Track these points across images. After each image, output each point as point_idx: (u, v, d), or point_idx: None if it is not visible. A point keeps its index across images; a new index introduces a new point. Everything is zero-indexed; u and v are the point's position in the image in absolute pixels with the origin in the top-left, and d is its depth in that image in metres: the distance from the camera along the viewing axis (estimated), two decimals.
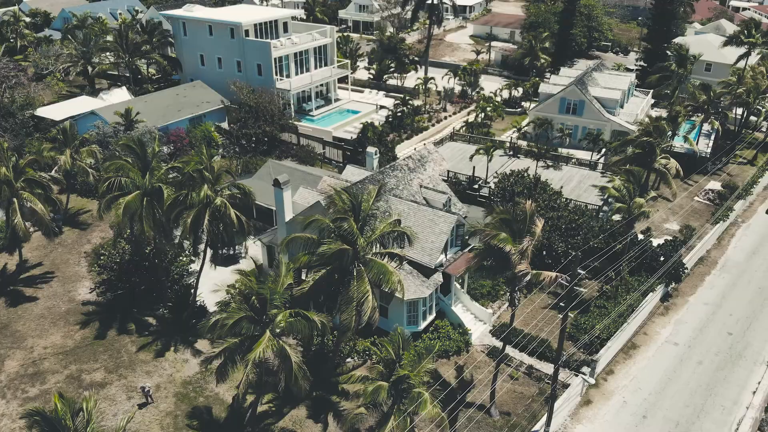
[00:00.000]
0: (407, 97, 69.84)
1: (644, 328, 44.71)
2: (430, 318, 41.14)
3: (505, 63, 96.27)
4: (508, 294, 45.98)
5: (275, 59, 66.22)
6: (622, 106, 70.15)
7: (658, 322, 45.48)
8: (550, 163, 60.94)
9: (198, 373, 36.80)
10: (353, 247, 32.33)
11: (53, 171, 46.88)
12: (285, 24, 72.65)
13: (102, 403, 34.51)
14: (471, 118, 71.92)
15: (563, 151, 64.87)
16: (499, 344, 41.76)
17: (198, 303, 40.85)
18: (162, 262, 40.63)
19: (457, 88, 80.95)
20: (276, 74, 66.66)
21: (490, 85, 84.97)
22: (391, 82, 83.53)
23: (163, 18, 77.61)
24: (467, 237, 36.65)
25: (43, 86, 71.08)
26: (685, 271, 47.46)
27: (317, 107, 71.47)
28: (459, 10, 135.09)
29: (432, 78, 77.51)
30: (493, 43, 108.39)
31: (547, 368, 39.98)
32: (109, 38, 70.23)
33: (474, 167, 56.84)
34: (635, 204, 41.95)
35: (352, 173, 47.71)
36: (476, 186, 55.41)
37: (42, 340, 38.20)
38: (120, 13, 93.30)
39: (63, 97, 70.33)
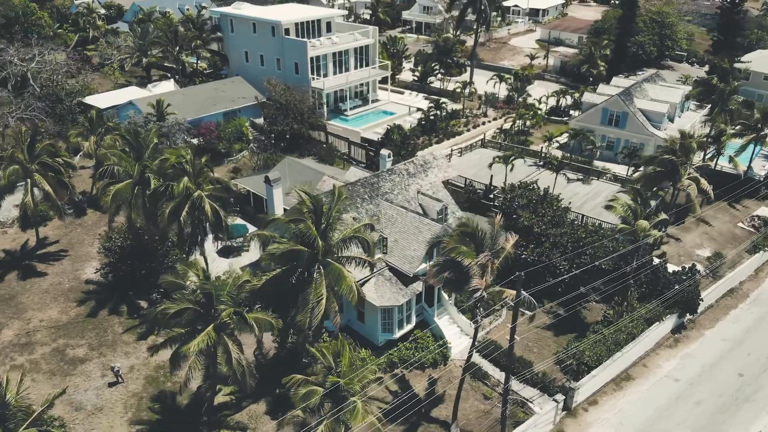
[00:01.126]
0: (442, 101, 68.74)
1: (645, 360, 41.76)
2: (408, 327, 40.35)
3: (564, 69, 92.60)
4: (503, 309, 44.57)
5: (312, 58, 67.12)
6: (672, 120, 65.73)
7: (662, 354, 42.35)
8: (579, 177, 58.05)
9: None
10: (312, 249, 32.29)
11: (78, 156, 49.97)
12: (328, 24, 73.46)
13: (77, 378, 36.49)
14: (510, 124, 69.75)
15: (599, 164, 61.68)
16: (481, 361, 40.42)
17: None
18: (158, 249, 42.31)
19: (503, 94, 78.79)
20: (313, 73, 67.57)
21: (542, 91, 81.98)
22: (436, 84, 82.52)
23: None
24: (432, 247, 35.56)
25: (101, 75, 75.87)
26: (701, 301, 43.78)
27: (353, 107, 71.79)
28: (531, 13, 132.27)
29: (471, 82, 75.87)
30: (559, 48, 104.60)
31: (526, 391, 38.25)
32: (160, 33, 73.78)
33: (492, 176, 55.14)
34: (638, 226, 39.14)
35: (354, 174, 47.72)
36: (491, 196, 53.70)
37: (40, 314, 40.84)
38: (187, 9, 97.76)
39: (120, 86, 74.69)
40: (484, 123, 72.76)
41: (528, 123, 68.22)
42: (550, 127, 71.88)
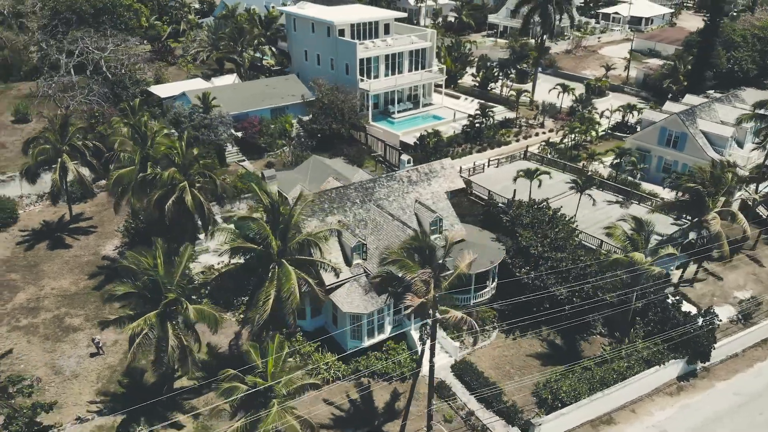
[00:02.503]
0: (488, 108, 66.52)
1: (636, 405, 38.36)
2: (380, 336, 39.75)
3: (646, 83, 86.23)
4: (490, 329, 42.66)
5: (362, 59, 67.49)
6: (741, 146, 59.37)
7: (659, 401, 38.66)
8: (619, 199, 54.02)
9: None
10: (266, 249, 32.78)
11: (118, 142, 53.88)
12: (387, 25, 73.47)
13: (66, 345, 39.57)
14: (560, 138, 66.22)
15: (650, 188, 57.01)
16: (452, 381, 39.04)
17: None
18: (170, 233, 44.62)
19: (567, 104, 74.86)
20: (363, 74, 68.00)
21: (616, 104, 76.75)
22: (498, 91, 79.92)
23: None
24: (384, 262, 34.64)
25: (178, 67, 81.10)
26: (713, 348, 39.34)
27: (402, 110, 71.39)
28: (633, 21, 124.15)
29: (525, 91, 72.73)
30: (650, 60, 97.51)
31: (489, 417, 36.47)
32: (227, 29, 77.41)
33: (515, 191, 52.62)
34: (634, 259, 35.85)
35: (361, 177, 47.69)
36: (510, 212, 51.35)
37: (54, 282, 44.66)
38: (273, 6, 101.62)
39: (192, 77, 79.31)
40: (537, 134, 69.60)
41: (578, 137, 64.35)
42: (610, 144, 67.43)
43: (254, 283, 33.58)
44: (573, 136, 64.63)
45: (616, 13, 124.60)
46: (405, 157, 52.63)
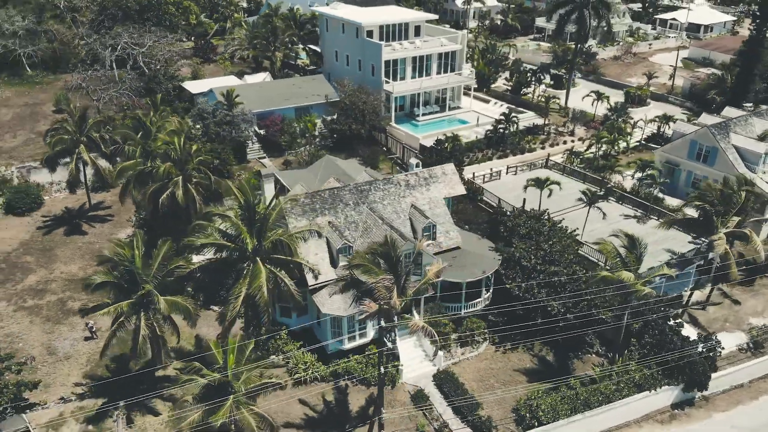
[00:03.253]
0: (513, 114, 65.05)
1: (621, 430, 36.61)
2: (362, 340, 39.54)
3: (692, 93, 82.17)
4: (480, 341, 41.71)
5: (388, 61, 67.35)
6: None
7: (647, 428, 37.01)
8: (638, 213, 51.68)
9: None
10: (240, 246, 33.25)
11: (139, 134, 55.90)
12: (417, 27, 72.98)
13: (64, 327, 41.38)
14: (586, 147, 64.02)
15: (676, 203, 54.33)
16: (432, 390, 38.42)
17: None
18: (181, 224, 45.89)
19: (602, 113, 72.29)
20: (389, 76, 67.86)
21: (653, 113, 73.57)
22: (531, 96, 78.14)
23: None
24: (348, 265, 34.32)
25: (217, 64, 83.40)
26: (710, 376, 37.08)
27: (428, 113, 70.85)
28: (691, 29, 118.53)
29: (556, 97, 70.64)
30: (703, 70, 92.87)
31: (462, 429, 35.71)
32: (262, 28, 78.90)
33: (524, 200, 51.21)
34: (623, 277, 34.20)
35: (364, 178, 47.55)
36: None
37: (64, 266, 46.78)
38: (315, 5, 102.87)
39: (230, 74, 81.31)
40: (565, 142, 67.58)
41: (607, 147, 61.91)
42: (642, 155, 64.62)
43: (234, 279, 34.17)
44: (600, 145, 62.29)
45: (674, 19, 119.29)
46: (414, 160, 52.22)
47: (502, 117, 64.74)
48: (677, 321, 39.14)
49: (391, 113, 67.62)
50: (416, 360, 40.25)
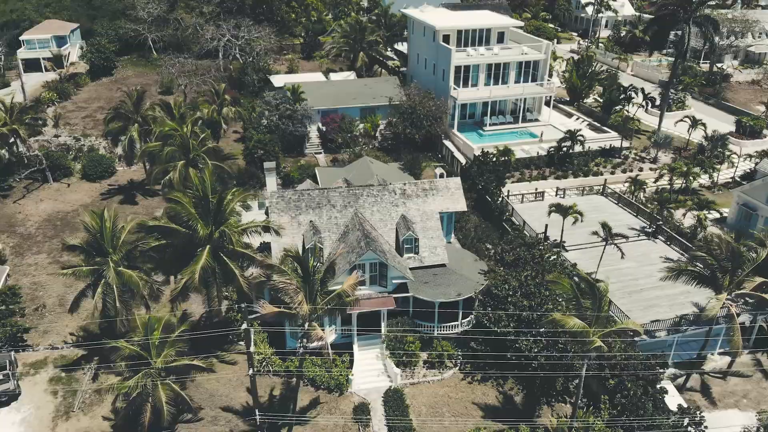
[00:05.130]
0: (578, 132, 59.85)
1: None
2: (319, 342, 39.24)
3: None
4: (451, 364, 39.50)
5: (459, 67, 65.38)
6: None
7: None
8: (684, 257, 45.31)
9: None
10: (189, 230, 34.95)
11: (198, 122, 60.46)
12: (501, 33, 69.83)
13: (81, 283, 46.07)
14: (655, 178, 57.06)
15: None
16: (378, 406, 37.30)
17: None
18: None
19: (697, 140, 64.01)
20: (461, 82, 66.02)
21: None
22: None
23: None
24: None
25: (313, 60, 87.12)
26: None
27: (499, 123, 67.71)
28: None
29: (636, 119, 63.51)
30: None
31: None
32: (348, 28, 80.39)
33: (546, 225, 47.25)
34: (563, 321, 30.37)
35: (375, 182, 47.10)
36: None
37: None
38: (425, 5, 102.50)
39: (325, 71, 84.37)
40: (641, 169, 60.85)
41: (687, 181, 54.61)
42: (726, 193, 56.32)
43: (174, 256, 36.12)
44: (673, 177, 55.16)
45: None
46: (438, 170, 50.79)
47: (567, 134, 60.00)
48: (660, 387, 33.88)
49: (454, 120, 65.73)
50: (374, 373, 39.26)
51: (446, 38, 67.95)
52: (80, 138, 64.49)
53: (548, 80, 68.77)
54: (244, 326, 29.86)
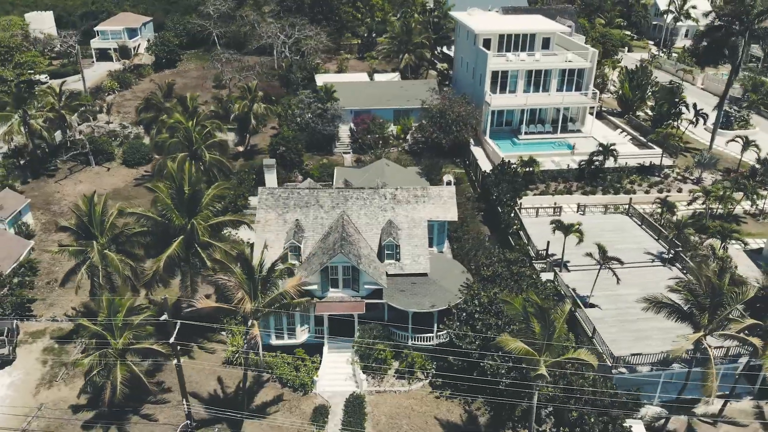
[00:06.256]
0: (611, 146, 56.28)
1: None
2: (291, 340, 39.76)
3: None
4: (423, 376, 38.55)
5: (497, 72, 63.39)
6: None
7: None
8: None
9: None
10: (165, 220, 36.25)
11: (232, 116, 62.48)
12: (547, 39, 66.95)
13: None
14: (689, 201, 52.64)
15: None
16: (338, 410, 37.06)
17: None
18: None
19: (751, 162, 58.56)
20: (497, 88, 64.04)
21: None
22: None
23: None
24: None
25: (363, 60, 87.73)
26: None
27: (536, 132, 65.09)
28: None
29: (674, 136, 58.72)
30: None
31: None
32: (396, 30, 79.87)
33: (548, 242, 44.95)
34: (503, 342, 28.66)
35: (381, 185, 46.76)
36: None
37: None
38: (490, 8, 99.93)
39: (373, 72, 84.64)
40: (680, 190, 56.47)
41: (710, 203, 50.25)
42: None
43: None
44: (709, 201, 50.69)
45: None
46: (447, 177, 49.76)
47: (600, 148, 56.73)
48: (626, 425, 31.37)
49: (487, 127, 63.90)
50: (342, 376, 39.01)
51: (487, 42, 66.17)
52: (128, 126, 68.43)
53: (594, 90, 65.34)
54: (175, 362, 30.15)
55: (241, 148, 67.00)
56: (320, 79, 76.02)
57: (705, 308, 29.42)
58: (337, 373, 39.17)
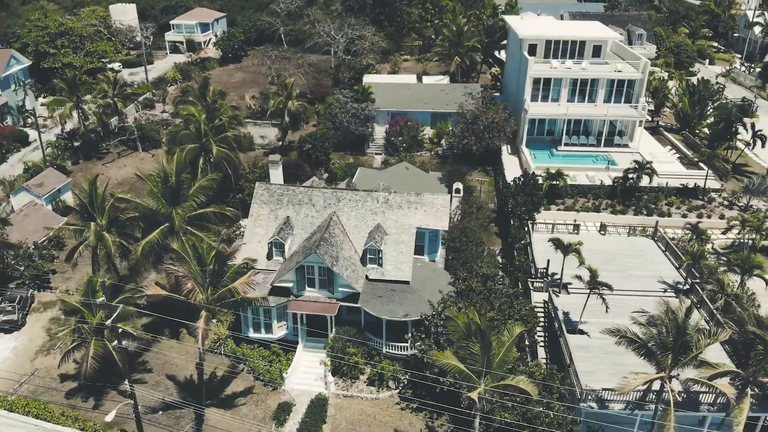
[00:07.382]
0: (648, 164, 52.24)
1: None
2: (268, 335, 40.14)
3: None
4: (393, 385, 37.85)
5: (539, 79, 60.62)
6: None
7: None
8: (708, 325, 38.02)
9: None
10: (152, 210, 37.79)
11: (269, 111, 63.93)
12: (598, 47, 63.15)
13: None
14: (724, 229, 47.90)
15: None
16: (302, 409, 37.12)
17: None
18: None
19: None
20: (539, 96, 61.38)
21: None
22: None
23: None
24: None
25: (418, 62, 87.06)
26: None
27: (576, 143, 61.72)
28: None
29: (721, 157, 53.42)
30: None
31: None
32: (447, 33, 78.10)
33: (548, 261, 42.45)
34: (438, 357, 27.36)
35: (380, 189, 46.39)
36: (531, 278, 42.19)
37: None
38: (563, 12, 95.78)
39: (423, 74, 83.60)
40: (722, 217, 51.57)
41: (747, 234, 45.48)
42: None
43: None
44: (744, 231, 45.98)
45: None
46: (457, 185, 48.60)
47: (635, 165, 52.94)
48: None
49: (523, 135, 61.39)
50: (313, 376, 39.00)
51: (533, 48, 63.58)
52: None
53: (644, 103, 61.13)
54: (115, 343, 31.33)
55: (280, 143, 68.58)
56: (367, 80, 76.25)
57: (668, 348, 26.71)
58: (309, 373, 39.21)
